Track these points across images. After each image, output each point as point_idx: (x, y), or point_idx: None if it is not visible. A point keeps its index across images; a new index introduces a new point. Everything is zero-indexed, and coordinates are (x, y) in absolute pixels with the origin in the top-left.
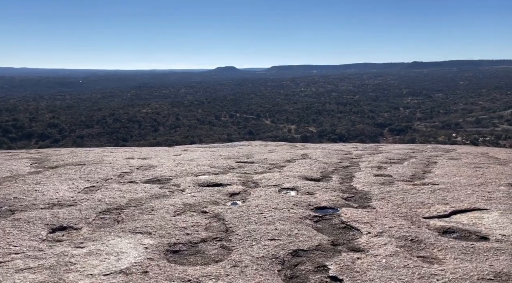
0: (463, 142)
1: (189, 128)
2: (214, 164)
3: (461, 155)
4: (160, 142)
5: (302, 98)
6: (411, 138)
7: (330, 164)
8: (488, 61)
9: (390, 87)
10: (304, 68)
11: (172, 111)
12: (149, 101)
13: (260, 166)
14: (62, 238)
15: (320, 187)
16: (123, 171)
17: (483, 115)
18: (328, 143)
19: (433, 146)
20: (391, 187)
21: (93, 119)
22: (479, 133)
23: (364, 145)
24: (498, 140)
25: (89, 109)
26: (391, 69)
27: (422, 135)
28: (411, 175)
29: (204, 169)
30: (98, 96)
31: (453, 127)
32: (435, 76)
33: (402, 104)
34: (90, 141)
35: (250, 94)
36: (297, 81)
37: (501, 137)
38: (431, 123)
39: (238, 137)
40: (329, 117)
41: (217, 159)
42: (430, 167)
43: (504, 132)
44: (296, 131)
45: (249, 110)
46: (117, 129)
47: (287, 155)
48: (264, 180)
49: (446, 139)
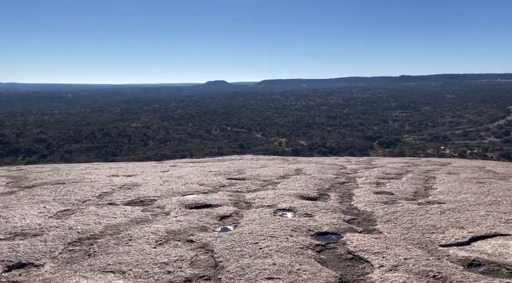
0: (451, 155)
1: (179, 142)
2: (204, 182)
3: (458, 169)
4: (150, 157)
5: (292, 112)
6: (401, 151)
7: (326, 180)
8: (473, 75)
9: (378, 100)
10: (293, 82)
11: (162, 125)
12: (139, 115)
13: (253, 183)
14: (19, 278)
15: (318, 208)
16: (103, 191)
17: (470, 127)
18: (319, 156)
19: (427, 159)
20: (395, 207)
21: (82, 134)
22: (466, 146)
23: (357, 159)
24: (485, 152)
25: (78, 123)
26: (380, 83)
27: (411, 147)
28: (413, 192)
29: (193, 187)
30: (88, 111)
31: (441, 140)
32: (423, 90)
33: (391, 117)
34: (78, 156)
35: (241, 107)
36: (287, 94)
37: (489, 150)
38: (419, 135)
39: (229, 150)
40: (319, 130)
41: (207, 175)
42: (430, 183)
43: (491, 144)
44: (287, 144)
45: (240, 124)
46: (106, 144)
47: (280, 171)
48: (258, 199)
49: (435, 151)
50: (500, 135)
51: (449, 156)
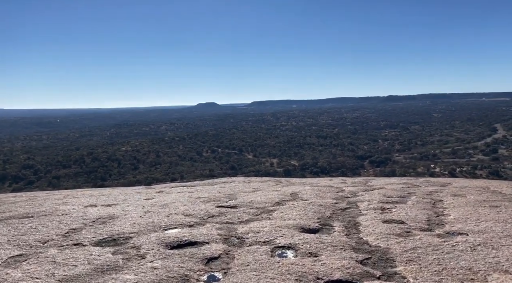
0: (442, 173)
1: (170, 165)
2: (190, 211)
3: (462, 191)
4: (140, 180)
5: (283, 132)
6: (392, 170)
7: (326, 206)
8: (459, 94)
9: (368, 120)
10: (284, 102)
11: (153, 148)
12: (129, 139)
13: (245, 212)
14: None
15: (324, 244)
16: (72, 227)
17: (459, 146)
18: (312, 176)
19: (425, 180)
20: (412, 240)
21: (71, 159)
22: (456, 164)
23: (352, 180)
24: (474, 170)
25: (66, 148)
26: (368, 103)
27: (402, 166)
28: (426, 220)
29: (177, 219)
30: (77, 135)
31: (430, 158)
32: (410, 109)
33: (381, 137)
34: (67, 181)
35: (232, 129)
36: (277, 115)
37: (477, 168)
38: (409, 154)
39: (220, 172)
40: (310, 150)
41: (194, 203)
42: (439, 207)
43: (479, 162)
44: (278, 164)
45: (231, 145)
46: (95, 169)
47: (274, 195)
48: (251, 233)
49: (425, 170)
50: (488, 153)
51: (439, 174)
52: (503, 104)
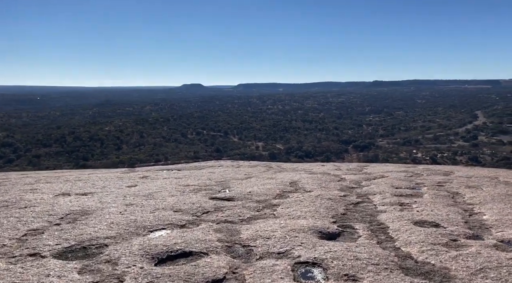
0: (423, 158)
1: (154, 146)
2: (180, 205)
3: (473, 181)
4: (124, 161)
5: (269, 116)
6: (375, 155)
7: (336, 200)
8: (443, 81)
9: (353, 105)
10: (270, 86)
11: (136, 129)
12: (112, 119)
13: (245, 207)
14: None
15: (360, 261)
16: (33, 226)
17: (440, 132)
18: (298, 161)
19: (424, 167)
20: (472, 256)
21: (51, 138)
22: (437, 149)
23: (346, 166)
24: (455, 156)
25: (47, 127)
26: (353, 88)
27: (385, 151)
28: (464, 222)
29: (165, 216)
30: (57, 114)
31: (413, 144)
32: (395, 95)
33: (365, 122)
34: (47, 160)
35: (217, 111)
36: (263, 98)
37: (458, 153)
38: (392, 139)
39: (205, 154)
40: (296, 134)
41: (184, 192)
42: (463, 203)
43: (460, 148)
44: (264, 148)
45: (216, 128)
46: (77, 148)
47: (272, 185)
48: (260, 240)
49: (408, 155)
50: (468, 139)
51: (421, 159)
52: (484, 91)
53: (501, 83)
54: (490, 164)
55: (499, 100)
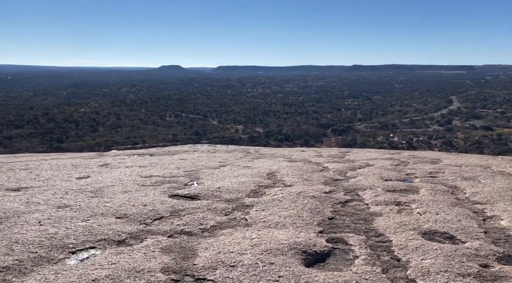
0: (400, 142)
1: (132, 128)
2: (127, 208)
3: (467, 172)
4: (100, 143)
5: (249, 99)
6: (353, 139)
7: (321, 199)
8: (420, 66)
9: (332, 89)
10: (250, 68)
11: (113, 111)
12: (87, 100)
13: (210, 209)
14: None
15: None
16: None
17: (417, 116)
18: (277, 145)
19: (410, 154)
20: None
21: (24, 119)
22: (413, 133)
23: (327, 152)
24: (430, 140)
25: (18, 107)
26: (333, 72)
27: (363, 135)
28: (482, 232)
29: (100, 226)
30: (30, 94)
31: (390, 128)
32: (373, 79)
33: (344, 106)
34: (20, 142)
35: (197, 93)
36: (243, 81)
37: (433, 137)
38: (370, 123)
39: (184, 137)
40: (275, 117)
41: (141, 187)
42: (468, 202)
43: (435, 132)
44: (243, 131)
45: (195, 110)
46: (51, 130)
47: (247, 177)
48: (221, 269)
49: (384, 139)
50: (443, 123)
51: (397, 143)
52: (459, 77)
53: (475, 68)
54: (463, 148)
55: (473, 85)
